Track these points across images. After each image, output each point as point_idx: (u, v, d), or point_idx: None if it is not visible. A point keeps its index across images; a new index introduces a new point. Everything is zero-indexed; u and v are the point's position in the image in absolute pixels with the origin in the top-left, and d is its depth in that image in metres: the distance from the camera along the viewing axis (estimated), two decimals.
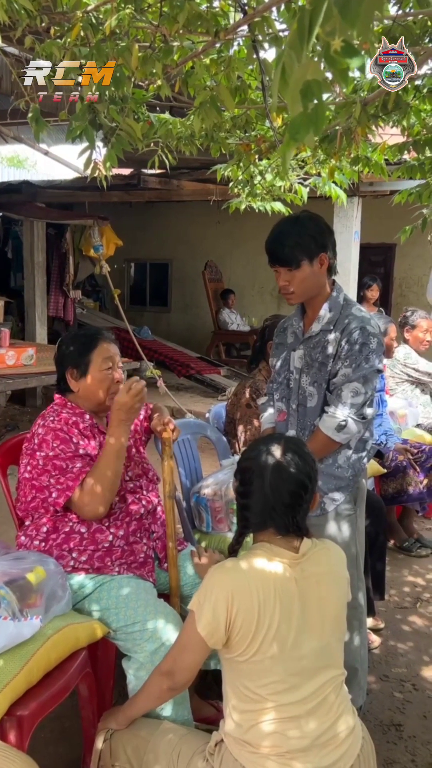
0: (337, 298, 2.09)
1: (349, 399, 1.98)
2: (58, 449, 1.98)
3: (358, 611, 2.20)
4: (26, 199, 8.09)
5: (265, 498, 1.53)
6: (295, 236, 2.00)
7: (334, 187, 3.43)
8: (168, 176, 6.69)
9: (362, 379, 1.98)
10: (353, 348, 1.98)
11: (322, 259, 2.03)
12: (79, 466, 1.97)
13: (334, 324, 2.05)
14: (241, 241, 10.10)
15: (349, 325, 2.00)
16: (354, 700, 2.04)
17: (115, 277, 7.11)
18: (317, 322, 2.08)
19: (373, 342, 2.00)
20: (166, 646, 1.81)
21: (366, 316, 2.05)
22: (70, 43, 1.76)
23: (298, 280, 2.03)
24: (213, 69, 1.99)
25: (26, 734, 1.54)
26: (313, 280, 2.04)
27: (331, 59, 0.70)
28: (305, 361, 2.13)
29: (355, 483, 2.14)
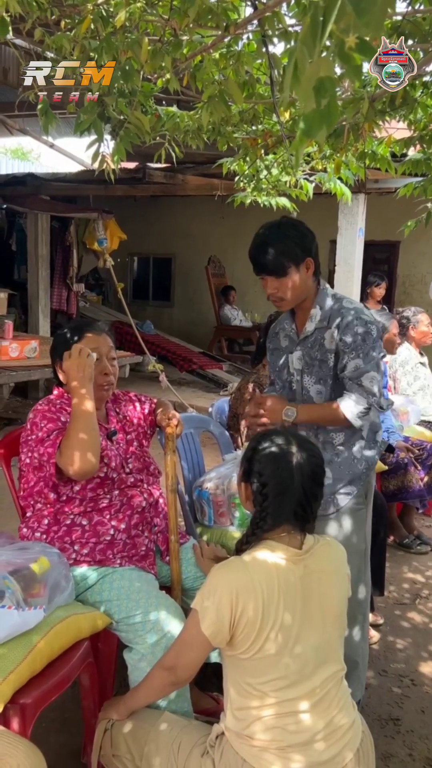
0: (325, 294, 2.09)
1: (370, 387, 1.99)
2: (46, 428, 1.98)
3: (362, 605, 2.22)
4: (31, 191, 8.08)
5: (289, 494, 1.51)
6: (280, 244, 1.99)
7: (339, 184, 3.43)
8: (173, 170, 6.68)
9: (375, 366, 1.99)
10: (357, 339, 1.98)
11: (308, 263, 2.03)
12: (55, 433, 1.95)
13: (328, 320, 2.05)
14: (244, 237, 10.05)
15: (345, 318, 2.00)
16: (353, 694, 2.06)
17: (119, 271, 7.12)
18: (310, 321, 2.09)
19: (373, 330, 2.01)
20: (168, 637, 1.82)
21: (358, 306, 2.06)
22: (80, 36, 1.76)
23: (286, 287, 2.02)
24: (222, 63, 1.99)
25: (29, 722, 1.56)
26: (302, 285, 2.04)
27: (346, 56, 0.70)
28: (305, 362, 2.14)
29: (366, 477, 2.16)
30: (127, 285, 11.34)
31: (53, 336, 2.27)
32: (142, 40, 1.75)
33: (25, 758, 1.35)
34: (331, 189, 3.43)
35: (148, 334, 9.06)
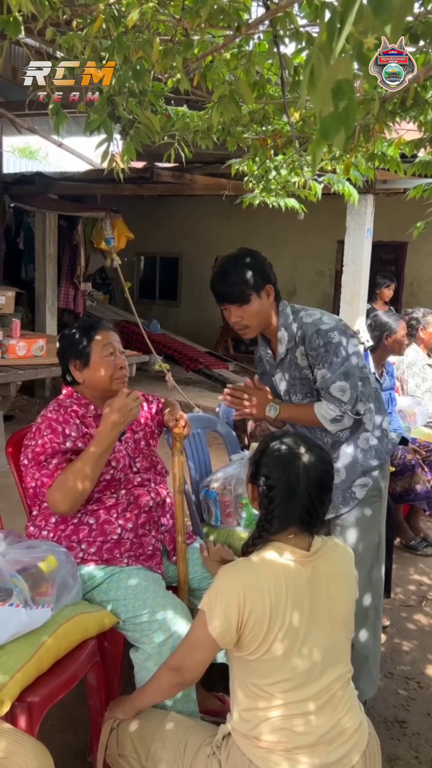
0: (286, 315, 2.13)
1: (338, 396, 2.03)
2: (46, 438, 2.00)
3: (375, 599, 2.23)
4: (39, 190, 8.10)
5: (295, 499, 1.51)
6: (239, 273, 2.04)
7: (348, 186, 3.42)
8: (181, 170, 6.68)
9: (343, 375, 2.01)
10: (319, 351, 2.03)
11: (268, 290, 2.09)
12: (54, 463, 1.98)
13: (295, 339, 2.10)
14: (251, 237, 10.07)
15: (306, 333, 2.05)
16: (365, 692, 2.06)
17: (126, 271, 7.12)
18: (281, 345, 2.14)
19: (335, 335, 2.02)
20: (174, 637, 1.82)
21: (316, 317, 2.08)
22: (91, 36, 1.76)
23: (249, 314, 2.07)
24: (233, 63, 1.99)
25: (36, 720, 1.56)
26: (264, 311, 2.10)
27: (364, 57, 0.70)
28: (287, 382, 2.20)
29: (381, 469, 2.18)
30: (134, 284, 11.35)
31: (61, 335, 2.28)
32: (154, 40, 1.75)
33: (33, 757, 1.36)
34: (339, 190, 3.42)
35: (155, 333, 9.07)
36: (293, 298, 9.88)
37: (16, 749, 1.36)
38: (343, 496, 2.14)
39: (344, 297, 6.10)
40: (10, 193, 8.47)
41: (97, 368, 2.13)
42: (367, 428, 2.15)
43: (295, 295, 10.02)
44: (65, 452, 2.00)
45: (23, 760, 1.34)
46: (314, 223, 7.95)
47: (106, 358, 2.14)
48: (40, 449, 2.00)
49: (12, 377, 4.73)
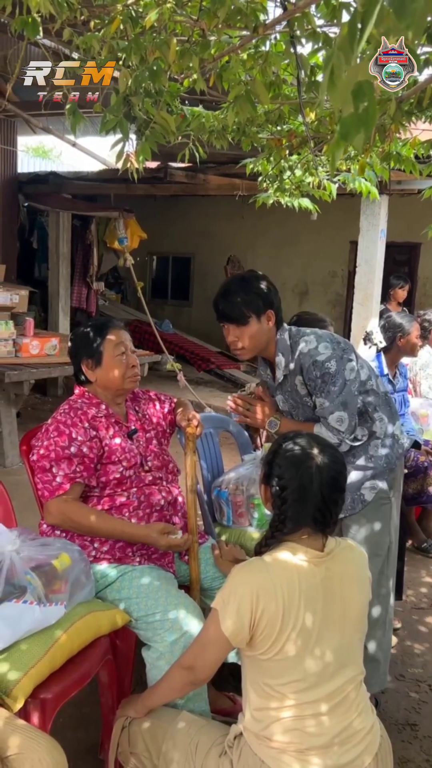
0: (284, 341, 2.12)
1: (336, 426, 2.05)
2: (52, 441, 2.02)
3: (386, 600, 2.23)
4: (52, 190, 8.14)
5: (308, 499, 1.51)
6: (242, 294, 2.06)
7: (365, 182, 3.41)
8: (194, 170, 6.69)
9: (341, 405, 2.02)
10: (317, 383, 2.03)
11: (269, 315, 2.09)
12: (59, 481, 1.99)
13: (292, 369, 2.10)
14: (264, 236, 10.07)
15: (304, 365, 2.05)
16: (372, 686, 2.06)
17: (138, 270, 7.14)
18: (278, 369, 2.14)
19: (331, 365, 2.01)
20: (186, 637, 1.82)
21: (312, 346, 2.05)
22: (108, 36, 1.77)
23: (246, 336, 2.08)
24: (249, 63, 1.99)
25: (49, 717, 1.57)
26: (262, 335, 2.10)
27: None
28: (290, 404, 2.20)
29: (392, 473, 2.18)
30: (147, 284, 11.38)
31: (73, 334, 2.30)
32: (171, 41, 1.76)
33: (47, 753, 1.37)
34: (356, 189, 3.41)
35: (167, 333, 9.08)
36: (306, 299, 9.90)
37: (30, 746, 1.37)
38: (352, 497, 2.15)
39: (357, 298, 6.08)
40: (25, 192, 8.52)
41: (110, 367, 2.14)
42: (378, 435, 2.16)
43: (308, 296, 10.00)
44: (70, 459, 2.01)
45: (37, 756, 1.35)
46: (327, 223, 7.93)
47: (119, 357, 2.15)
48: (44, 452, 2.01)
49: (25, 376, 4.76)
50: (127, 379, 2.17)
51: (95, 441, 2.06)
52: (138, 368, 2.22)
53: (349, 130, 0.72)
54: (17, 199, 8.58)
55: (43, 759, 1.35)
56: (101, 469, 2.07)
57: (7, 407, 4.89)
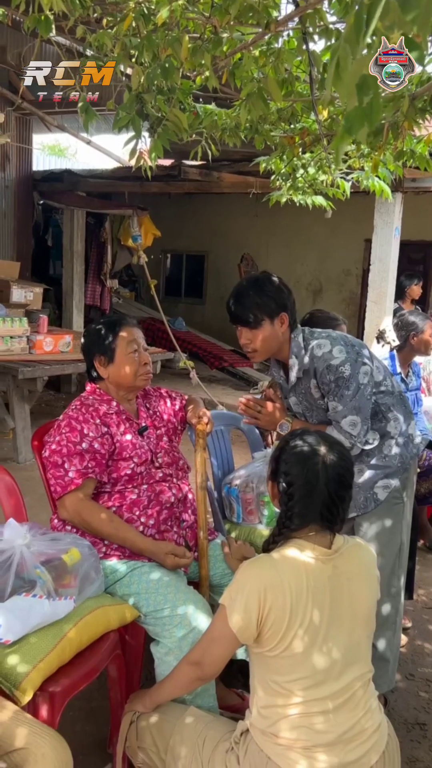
0: (298, 344, 2.11)
1: (349, 430, 2.05)
2: (64, 436, 2.03)
3: (396, 600, 2.23)
4: (67, 187, 8.18)
5: (314, 495, 1.51)
6: (256, 297, 2.05)
7: (378, 181, 3.39)
8: (208, 168, 6.69)
9: (354, 410, 2.02)
10: (331, 387, 2.03)
11: (282, 318, 2.08)
12: (71, 476, 1.99)
13: (306, 370, 2.09)
14: (278, 234, 10.05)
15: (318, 369, 2.04)
16: (380, 686, 2.06)
17: (152, 268, 7.15)
18: (291, 371, 2.14)
19: (345, 369, 2.01)
20: (195, 632, 1.83)
21: (326, 349, 2.04)
22: (121, 34, 1.78)
23: (259, 339, 2.08)
24: (261, 61, 1.99)
25: (57, 710, 1.58)
26: (274, 338, 2.09)
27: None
28: (304, 406, 2.20)
29: (405, 472, 2.18)
30: (160, 282, 11.40)
31: (85, 331, 2.31)
32: (183, 38, 1.76)
33: (51, 749, 1.37)
34: (369, 187, 3.39)
35: (180, 330, 9.09)
36: (320, 297, 9.87)
37: (34, 741, 1.37)
38: (365, 496, 2.14)
39: (371, 296, 6.05)
40: (40, 190, 8.57)
41: (122, 364, 2.15)
42: (392, 435, 2.15)
43: (321, 294, 9.97)
44: (81, 455, 2.02)
45: (40, 752, 1.36)
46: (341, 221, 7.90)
47: (131, 354, 2.16)
48: (56, 447, 2.03)
49: (39, 372, 4.79)
50: (139, 376, 2.17)
51: (106, 437, 2.07)
52: (150, 366, 2.22)
53: (354, 124, 0.72)
54: (32, 197, 8.62)
55: (47, 754, 1.35)
56: (112, 466, 2.08)
57: (20, 404, 4.92)
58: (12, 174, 8.30)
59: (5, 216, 8.32)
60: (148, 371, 2.20)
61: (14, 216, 8.40)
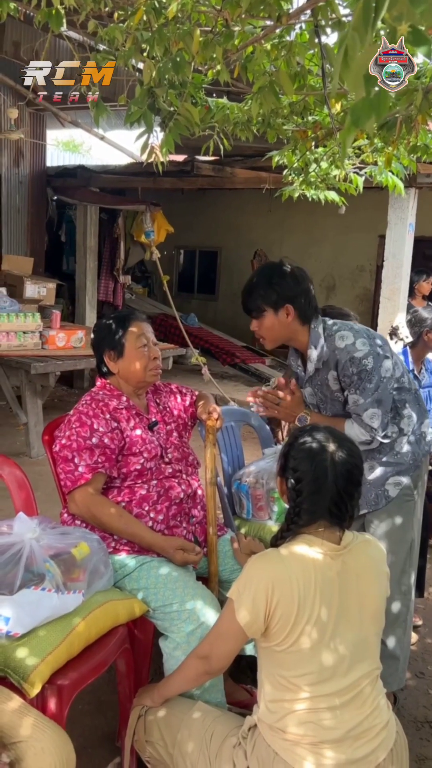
0: (317, 335, 2.10)
1: (370, 423, 2.05)
2: (74, 431, 2.03)
3: (406, 597, 2.22)
4: (80, 183, 8.19)
5: (323, 492, 1.50)
6: (261, 288, 2.08)
7: (391, 176, 3.36)
8: (221, 163, 6.67)
9: (375, 403, 2.02)
10: (353, 379, 2.03)
11: (287, 309, 2.08)
12: (81, 471, 1.99)
13: (325, 361, 2.09)
14: (291, 231, 10.01)
15: (340, 361, 2.04)
16: (389, 684, 2.05)
17: (165, 264, 7.15)
18: (310, 362, 2.13)
19: (368, 362, 2.00)
20: (203, 627, 1.83)
21: (349, 341, 2.03)
22: (132, 28, 1.77)
23: (264, 327, 2.12)
24: (273, 54, 1.97)
25: (65, 703, 1.59)
26: (279, 328, 2.10)
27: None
28: (318, 397, 2.20)
29: (417, 469, 2.17)
30: (173, 278, 11.40)
31: (95, 326, 2.31)
32: (194, 31, 1.75)
33: (51, 743, 1.37)
34: (382, 182, 3.36)
35: (192, 326, 9.10)
36: (333, 293, 9.82)
37: (35, 734, 1.37)
38: (376, 493, 2.14)
39: (384, 292, 6.01)
40: (53, 186, 8.60)
41: (132, 359, 2.15)
42: (405, 432, 2.15)
43: (335, 290, 9.92)
44: (92, 449, 2.02)
45: (40, 746, 1.35)
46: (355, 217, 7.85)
47: (140, 349, 2.16)
48: (67, 442, 2.03)
49: (51, 368, 4.81)
50: (149, 372, 2.17)
51: (116, 432, 2.07)
52: (160, 361, 2.22)
53: (361, 116, 0.71)
54: (46, 192, 8.66)
55: (47, 748, 1.35)
56: (122, 461, 2.08)
57: (33, 398, 4.95)
58: (26, 170, 8.34)
59: (19, 212, 8.35)
60: (157, 366, 2.20)
61: (28, 212, 8.43)
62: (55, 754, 1.36)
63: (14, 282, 6.67)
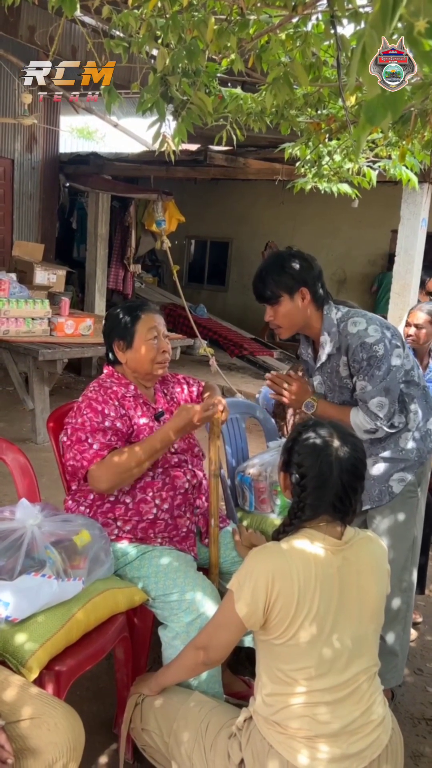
0: (330, 319, 2.09)
1: (375, 411, 2.03)
2: (86, 417, 2.02)
3: (406, 594, 2.22)
4: (93, 170, 8.18)
5: (328, 487, 1.50)
6: (274, 274, 2.07)
7: (405, 170, 3.33)
8: (234, 153, 6.64)
9: (383, 391, 2.00)
10: (362, 365, 2.01)
11: (303, 293, 2.06)
12: (97, 442, 1.99)
13: (338, 348, 2.07)
14: (303, 223, 9.97)
15: (351, 346, 2.03)
16: (388, 681, 2.06)
17: (175, 254, 7.13)
18: (322, 350, 2.12)
19: (379, 348, 1.99)
20: (203, 618, 1.84)
21: (361, 327, 2.03)
22: (146, 14, 1.76)
23: (281, 315, 2.09)
24: (288, 44, 1.95)
25: (63, 689, 1.60)
26: (296, 313, 2.09)
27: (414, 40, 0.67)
28: (327, 386, 2.19)
29: (420, 466, 2.16)
30: (183, 268, 11.38)
31: (107, 314, 2.31)
32: (209, 19, 1.73)
33: (63, 718, 1.39)
34: (396, 176, 3.33)
35: (201, 317, 9.08)
36: (344, 287, 9.78)
37: (46, 711, 1.40)
38: (380, 489, 2.13)
39: (395, 287, 5.98)
40: (66, 172, 8.58)
41: (140, 350, 2.14)
42: (410, 428, 2.14)
43: (345, 284, 9.88)
44: (104, 431, 2.02)
45: (53, 721, 1.38)
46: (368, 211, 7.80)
47: (150, 341, 2.15)
48: (79, 427, 2.03)
49: (59, 355, 4.82)
50: (157, 364, 2.16)
51: (125, 419, 2.08)
52: (169, 353, 2.21)
53: (376, 113, 0.70)
54: (58, 179, 8.65)
55: (59, 723, 1.38)
56: None
57: (40, 385, 4.96)
58: (39, 155, 8.33)
59: (31, 197, 8.35)
60: (166, 359, 2.19)
61: (40, 198, 8.43)
62: (68, 730, 1.38)
63: (24, 268, 6.68)
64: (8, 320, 4.95)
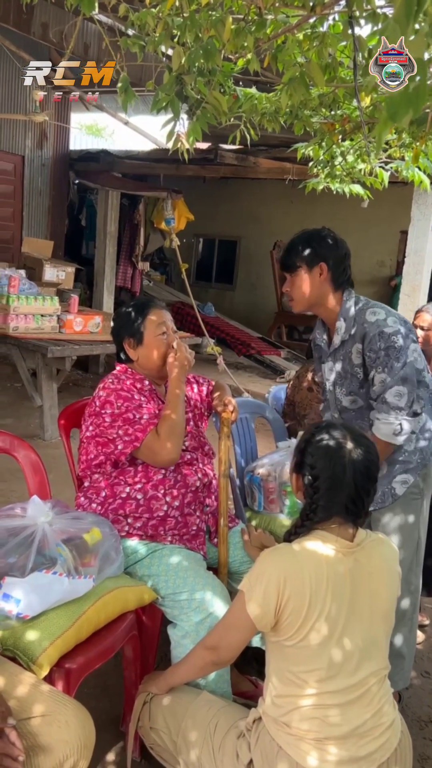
0: (348, 306, 2.12)
1: (395, 403, 2.02)
2: (123, 406, 2.05)
3: (413, 596, 2.22)
4: (103, 168, 8.18)
5: (341, 489, 1.50)
6: (300, 245, 2.12)
7: (418, 172, 3.32)
8: (245, 153, 6.63)
9: (401, 380, 2.00)
10: (380, 355, 2.02)
11: (321, 268, 2.09)
12: (146, 418, 2.04)
13: (353, 334, 2.08)
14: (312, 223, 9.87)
15: (368, 334, 2.03)
16: (395, 684, 2.05)
17: (184, 252, 7.13)
18: (337, 335, 2.13)
19: (397, 339, 2.00)
20: (212, 617, 1.84)
21: (380, 317, 2.04)
22: (164, 13, 1.75)
23: (295, 286, 2.13)
24: (305, 45, 1.95)
25: (73, 686, 1.60)
26: (310, 287, 2.11)
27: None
28: (337, 373, 2.19)
29: (423, 468, 2.16)
30: (192, 266, 11.38)
31: (116, 313, 2.32)
32: (226, 19, 1.73)
33: (74, 715, 1.40)
34: (408, 177, 3.32)
35: (209, 316, 9.08)
36: None
37: (57, 708, 1.40)
38: (383, 491, 2.13)
39: (404, 289, 5.97)
40: (75, 169, 8.59)
41: (151, 346, 2.16)
42: (414, 430, 2.12)
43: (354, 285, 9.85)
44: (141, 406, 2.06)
45: (64, 719, 1.38)
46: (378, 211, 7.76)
47: (159, 337, 2.16)
48: (121, 412, 2.04)
49: (68, 352, 4.82)
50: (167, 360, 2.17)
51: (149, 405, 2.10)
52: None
53: (398, 110, 0.69)
54: (68, 176, 8.65)
55: (70, 721, 1.38)
56: None
57: (48, 382, 4.97)
58: (49, 152, 8.34)
59: (41, 194, 8.36)
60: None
61: (49, 194, 8.44)
62: (79, 727, 1.38)
63: (33, 265, 6.69)
64: (17, 317, 4.96)
